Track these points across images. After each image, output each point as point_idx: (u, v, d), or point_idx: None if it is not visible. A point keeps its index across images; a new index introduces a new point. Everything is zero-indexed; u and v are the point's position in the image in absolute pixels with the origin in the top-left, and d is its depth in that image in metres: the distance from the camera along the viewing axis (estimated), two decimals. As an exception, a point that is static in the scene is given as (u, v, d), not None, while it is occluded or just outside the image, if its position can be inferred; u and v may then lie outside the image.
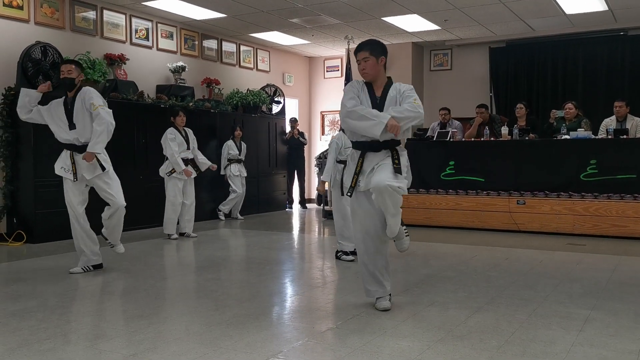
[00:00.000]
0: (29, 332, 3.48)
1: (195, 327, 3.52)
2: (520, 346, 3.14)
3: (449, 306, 3.98)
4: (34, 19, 7.61)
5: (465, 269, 5.28)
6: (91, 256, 5.18)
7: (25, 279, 4.88)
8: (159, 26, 9.42)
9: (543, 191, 7.69)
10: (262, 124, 10.83)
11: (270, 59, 11.94)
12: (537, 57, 10.93)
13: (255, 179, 10.42)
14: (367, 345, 3.17)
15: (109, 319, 3.80)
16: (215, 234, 8.00)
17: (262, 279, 4.96)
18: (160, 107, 8.73)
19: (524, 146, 8.00)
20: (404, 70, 11.70)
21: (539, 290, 4.44)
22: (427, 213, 8.28)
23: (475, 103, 9.38)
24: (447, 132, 8.65)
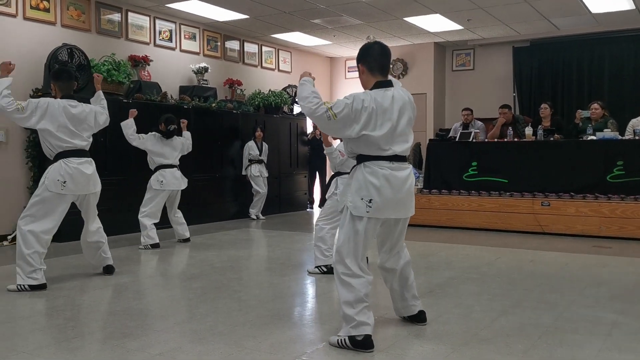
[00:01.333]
0: (57, 330, 3.54)
1: (219, 327, 3.54)
2: (547, 351, 3.11)
3: (473, 309, 3.95)
4: (61, 22, 7.73)
5: (489, 271, 5.24)
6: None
7: (52, 277, 4.95)
8: (182, 28, 9.50)
9: (568, 192, 7.59)
10: (284, 125, 10.86)
11: (291, 59, 11.97)
12: (562, 56, 10.80)
13: (277, 179, 10.45)
14: (392, 348, 3.16)
15: (135, 318, 3.84)
16: (238, 234, 8.05)
17: (284, 280, 4.97)
18: (184, 107, 8.80)
19: (549, 147, 7.90)
20: (425, 71, 11.66)
21: (565, 294, 4.38)
22: (449, 214, 8.23)
23: (498, 103, 9.30)
24: (470, 133, 8.58)
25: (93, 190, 4.86)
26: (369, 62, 3.31)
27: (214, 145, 9.36)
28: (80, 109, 4.78)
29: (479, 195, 8.12)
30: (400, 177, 3.23)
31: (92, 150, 4.98)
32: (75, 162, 4.68)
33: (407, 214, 3.33)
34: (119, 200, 7.25)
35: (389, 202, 3.19)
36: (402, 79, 11.86)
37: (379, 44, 3.34)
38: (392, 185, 3.19)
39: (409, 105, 3.31)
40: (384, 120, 3.18)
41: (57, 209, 4.62)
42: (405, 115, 3.27)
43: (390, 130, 3.20)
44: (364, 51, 3.34)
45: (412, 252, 3.91)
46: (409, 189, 3.28)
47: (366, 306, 3.14)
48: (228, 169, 9.65)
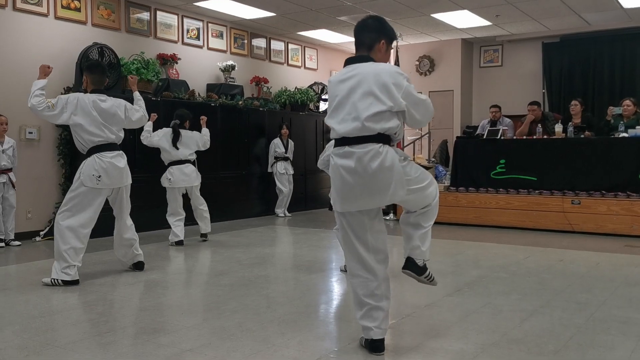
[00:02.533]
0: (90, 325, 3.61)
1: (248, 323, 3.57)
2: (578, 351, 3.07)
3: (502, 308, 3.91)
4: (91, 21, 7.86)
5: (518, 271, 5.18)
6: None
7: (85, 272, 5.04)
8: (210, 26, 9.58)
9: (599, 191, 7.46)
10: (310, 122, 10.88)
11: (318, 56, 11.98)
12: (593, 52, 10.61)
13: (302, 177, 10.48)
14: (420, 347, 3.15)
15: (165, 313, 3.90)
16: (264, 231, 8.09)
17: (311, 277, 4.99)
18: (211, 105, 8.88)
19: (579, 144, 7.77)
20: (452, 68, 11.56)
21: (596, 294, 4.31)
22: (476, 212, 8.16)
23: (526, 100, 9.18)
24: (498, 130, 8.49)
25: (126, 182, 4.92)
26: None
27: (240, 143, 9.42)
28: (110, 103, 4.81)
29: (507, 193, 8.03)
30: (345, 165, 2.87)
31: (122, 147, 5.04)
32: (109, 156, 4.75)
33: (363, 205, 2.91)
34: (148, 197, 7.34)
35: (341, 193, 2.92)
36: (428, 76, 11.79)
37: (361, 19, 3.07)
38: (340, 175, 2.90)
39: (371, 81, 2.83)
40: (334, 97, 2.95)
41: (94, 202, 4.71)
42: (359, 92, 2.84)
43: (336, 107, 2.92)
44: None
45: (438, 251, 3.89)
46: (361, 177, 2.83)
47: (371, 308, 2.95)
48: (254, 167, 9.71)
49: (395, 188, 2.85)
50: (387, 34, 3.02)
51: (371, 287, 2.97)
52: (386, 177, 2.83)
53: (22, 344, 3.24)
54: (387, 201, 2.91)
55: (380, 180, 2.83)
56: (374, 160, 2.81)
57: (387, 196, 2.86)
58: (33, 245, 6.85)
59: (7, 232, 6.74)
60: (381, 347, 3.00)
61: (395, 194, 2.87)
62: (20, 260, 5.98)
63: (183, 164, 6.70)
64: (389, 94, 2.82)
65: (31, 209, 7.11)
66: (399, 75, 2.87)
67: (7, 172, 6.72)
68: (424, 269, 3.09)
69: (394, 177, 2.84)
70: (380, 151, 2.82)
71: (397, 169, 2.85)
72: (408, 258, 3.06)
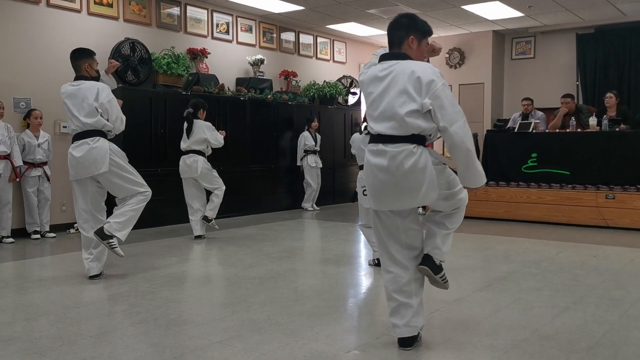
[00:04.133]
0: (122, 316, 3.68)
1: (277, 316, 3.59)
2: (611, 349, 3.01)
3: (533, 304, 3.86)
4: (123, 16, 7.97)
5: (550, 266, 5.10)
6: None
7: (116, 264, 5.14)
8: (239, 20, 9.62)
9: (635, 185, 7.28)
10: (338, 116, 10.86)
11: (346, 50, 11.94)
12: (629, 43, 10.34)
13: (331, 170, 10.48)
14: (449, 341, 3.13)
15: (195, 305, 3.95)
16: (292, 224, 8.12)
17: (339, 271, 4.99)
18: (240, 99, 8.93)
19: (614, 138, 7.60)
20: (484, 60, 11.39)
21: (631, 291, 4.22)
22: (507, 207, 8.05)
23: (560, 93, 9.00)
24: (530, 123, 8.35)
25: (94, 172, 4.52)
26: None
27: (269, 137, 9.46)
28: (77, 87, 4.55)
29: (538, 188, 7.91)
30: (377, 164, 2.86)
31: (152, 141, 5.02)
32: (72, 146, 4.61)
33: (394, 206, 2.90)
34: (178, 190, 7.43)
35: (374, 191, 2.92)
36: (458, 69, 11.64)
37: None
38: (373, 174, 2.90)
39: (405, 79, 2.80)
40: (369, 94, 2.94)
41: (76, 193, 4.66)
42: (394, 90, 2.82)
43: (371, 105, 2.92)
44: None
45: (468, 245, 3.85)
46: (393, 176, 2.81)
47: (400, 305, 2.96)
48: (283, 160, 9.74)
49: (427, 190, 2.81)
50: (418, 29, 2.97)
51: (400, 282, 2.97)
52: (418, 179, 2.80)
53: (56, 334, 3.32)
54: (418, 202, 2.87)
55: (412, 181, 2.80)
56: (407, 160, 2.78)
57: (418, 197, 2.83)
58: (67, 237, 7.00)
59: (43, 224, 6.91)
60: (407, 343, 2.99)
61: (426, 196, 2.83)
62: (55, 252, 6.12)
63: (187, 155, 6.57)
64: (420, 94, 2.78)
65: (65, 201, 7.26)
66: (432, 74, 2.80)
67: (42, 166, 6.88)
68: (440, 268, 3.04)
69: (426, 178, 2.80)
70: (413, 151, 2.79)
71: (429, 171, 2.81)
72: (427, 255, 3.01)
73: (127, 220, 4.60)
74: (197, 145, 6.55)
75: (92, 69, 4.67)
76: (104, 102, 4.53)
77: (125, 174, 4.62)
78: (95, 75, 4.69)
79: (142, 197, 4.69)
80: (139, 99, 7.60)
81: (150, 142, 7.68)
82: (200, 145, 6.57)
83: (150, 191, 4.76)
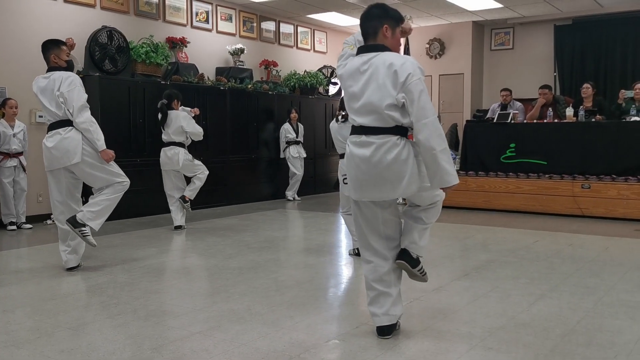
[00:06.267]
0: (101, 307, 3.66)
1: (257, 307, 3.60)
2: (585, 335, 3.07)
3: (510, 292, 3.91)
4: (100, 4, 7.85)
5: (527, 255, 5.18)
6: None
7: (94, 256, 5.10)
8: (219, 9, 9.54)
9: (610, 175, 7.40)
10: (319, 106, 10.85)
11: (327, 40, 11.91)
12: (605, 35, 10.48)
13: (312, 160, 10.48)
14: (428, 330, 3.17)
15: (175, 296, 3.94)
16: (273, 214, 8.12)
17: (320, 261, 5.01)
18: (220, 89, 8.87)
19: (590, 128, 7.70)
20: (463, 50, 11.46)
21: (605, 279, 4.31)
22: (486, 196, 8.13)
23: (538, 84, 9.10)
24: (508, 114, 8.42)
25: (66, 163, 4.45)
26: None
27: (250, 127, 9.43)
28: (47, 79, 4.49)
29: (516, 177, 8.00)
30: (360, 155, 2.87)
31: (131, 131, 5.00)
32: (45, 136, 4.56)
33: (375, 196, 2.91)
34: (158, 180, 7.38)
35: (355, 182, 2.94)
36: (439, 59, 11.70)
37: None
38: (355, 164, 2.91)
39: (384, 72, 2.79)
40: (348, 87, 2.93)
41: (51, 185, 4.60)
42: (374, 84, 2.81)
43: (352, 98, 2.91)
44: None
45: (447, 235, 3.89)
46: (375, 167, 2.82)
47: (379, 294, 2.99)
48: (264, 150, 9.72)
49: (408, 182, 2.82)
50: (390, 17, 2.96)
51: (380, 272, 3.00)
52: (401, 170, 2.81)
53: (33, 325, 3.29)
54: (399, 194, 2.87)
55: (394, 173, 2.81)
56: (391, 152, 2.80)
57: (399, 189, 2.84)
58: (44, 228, 6.92)
59: (19, 215, 6.82)
60: (386, 332, 3.02)
61: (408, 188, 2.84)
62: (32, 243, 6.05)
63: (167, 147, 6.52)
64: (396, 87, 2.78)
65: (42, 192, 7.16)
66: (410, 68, 2.77)
67: (18, 156, 6.78)
68: (417, 261, 3.06)
69: (408, 170, 2.81)
70: (397, 143, 2.81)
71: (412, 162, 2.82)
72: (403, 250, 3.02)
73: (101, 209, 4.54)
74: (177, 136, 6.49)
75: (60, 59, 4.58)
76: (64, 92, 4.43)
77: (99, 164, 4.54)
78: (64, 66, 4.60)
79: (119, 187, 4.62)
80: (117, 89, 7.51)
81: (129, 132, 7.60)
82: (180, 137, 6.52)
83: (128, 181, 4.69)
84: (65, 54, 4.62)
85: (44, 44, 4.64)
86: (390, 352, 2.86)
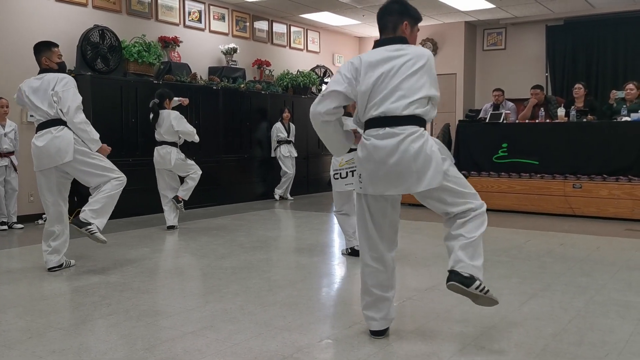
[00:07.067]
0: (93, 307, 3.64)
1: (249, 306, 3.60)
2: (577, 335, 3.09)
3: (502, 292, 3.92)
4: (92, 3, 7.82)
5: (519, 254, 5.20)
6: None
7: (86, 256, 5.08)
8: (212, 8, 9.52)
9: (601, 175, 7.45)
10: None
11: (320, 39, 11.91)
12: (597, 35, 10.55)
13: (305, 160, 10.48)
14: (420, 329, 3.18)
15: (167, 296, 3.93)
16: (266, 214, 8.12)
17: (313, 260, 5.01)
18: (213, 88, 8.86)
19: (582, 128, 7.75)
20: (455, 51, 11.49)
21: (596, 278, 4.33)
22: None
23: (530, 84, 9.14)
24: (500, 114, 8.46)
25: (58, 162, 4.42)
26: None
27: (242, 126, 9.41)
28: (40, 80, 4.50)
29: (509, 177, 8.03)
30: (383, 146, 2.76)
31: (123, 131, 4.99)
32: (35, 136, 4.53)
33: (397, 190, 2.80)
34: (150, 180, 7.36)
35: (374, 176, 2.80)
36: (431, 59, 11.71)
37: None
38: (377, 157, 2.77)
39: (422, 63, 2.81)
40: (368, 74, 2.80)
41: (41, 185, 4.56)
42: (411, 70, 2.78)
43: (381, 85, 2.78)
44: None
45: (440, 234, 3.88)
46: (401, 157, 2.72)
47: (377, 299, 2.95)
48: (256, 150, 9.71)
49: (434, 172, 2.72)
50: (411, 15, 2.93)
51: (380, 277, 2.96)
52: (427, 160, 2.72)
53: (25, 326, 3.27)
54: (424, 185, 2.73)
55: (421, 163, 2.71)
56: (417, 142, 2.73)
57: (425, 180, 2.72)
58: (35, 228, 6.89)
59: (10, 215, 6.78)
60: (381, 333, 3.02)
61: (433, 179, 2.72)
62: (23, 243, 6.02)
63: (160, 146, 6.50)
64: (433, 83, 2.85)
65: (33, 192, 7.11)
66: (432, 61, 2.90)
67: (9, 156, 6.74)
68: (471, 279, 2.79)
69: (434, 160, 2.72)
70: (422, 134, 2.77)
71: (436, 155, 2.74)
72: (451, 270, 2.82)
73: (102, 207, 4.51)
74: (169, 136, 6.47)
75: (51, 62, 4.58)
76: (58, 91, 4.42)
77: (92, 161, 4.51)
78: (56, 68, 4.59)
79: (117, 183, 4.57)
80: (109, 88, 7.48)
81: (122, 132, 7.57)
82: (173, 137, 6.49)
83: (125, 177, 4.65)
84: (56, 56, 4.62)
85: (35, 46, 4.63)
86: (383, 351, 2.86)
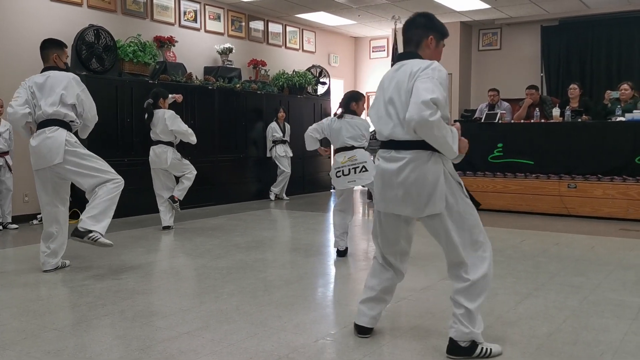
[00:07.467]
0: (88, 308, 3.63)
1: (245, 307, 3.60)
2: (571, 334, 3.10)
3: (497, 292, 3.94)
4: (87, 3, 7.80)
5: (514, 254, 5.21)
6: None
7: (81, 256, 5.07)
8: (207, 8, 9.51)
9: (595, 175, 7.47)
10: (308, 105, 10.85)
11: (316, 39, 11.91)
12: (592, 36, 10.58)
13: (301, 160, 10.48)
14: (416, 329, 3.19)
15: (163, 297, 3.93)
16: (262, 214, 8.11)
17: (308, 260, 5.01)
18: (208, 88, 8.85)
19: (577, 128, 7.77)
20: (451, 51, 11.49)
21: (591, 277, 4.35)
22: (473, 196, 8.15)
23: (525, 84, 9.15)
24: (496, 114, 8.47)
25: (49, 163, 4.38)
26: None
27: (238, 126, 9.41)
28: (45, 77, 4.46)
29: (504, 177, 8.05)
30: (386, 169, 2.78)
31: (119, 131, 4.99)
32: (33, 135, 4.50)
33: (401, 210, 2.81)
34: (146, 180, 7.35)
35: (382, 194, 2.85)
36: (427, 59, 11.73)
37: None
38: (382, 179, 2.82)
39: (406, 80, 2.69)
40: (378, 96, 2.88)
41: (38, 185, 4.54)
42: (398, 93, 2.72)
43: (379, 108, 2.83)
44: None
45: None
46: (402, 183, 2.71)
47: (376, 298, 3.01)
48: (252, 150, 9.70)
49: (433, 202, 2.69)
50: (436, 30, 2.89)
51: (387, 283, 3.02)
52: (426, 189, 2.69)
53: (20, 326, 3.27)
54: (427, 211, 2.72)
55: (419, 192, 2.70)
56: (417, 170, 2.69)
57: (423, 209, 2.72)
58: (30, 228, 6.87)
59: (5, 215, 6.76)
60: (366, 332, 3.05)
61: (434, 205, 2.69)
62: (18, 244, 6.00)
63: (156, 145, 6.47)
64: (399, 102, 2.74)
65: (28, 192, 7.11)
66: (422, 64, 2.69)
67: (3, 155, 6.72)
68: (470, 349, 2.73)
69: (436, 190, 2.69)
70: (426, 159, 2.69)
71: (441, 181, 2.69)
72: (449, 339, 2.78)
73: (101, 212, 4.40)
74: (164, 135, 6.45)
75: (60, 61, 4.60)
76: (80, 93, 4.47)
77: (85, 162, 4.43)
78: (63, 67, 4.60)
79: (113, 186, 4.49)
80: (105, 88, 7.46)
81: (117, 132, 7.56)
82: (168, 136, 6.47)
83: (122, 179, 4.58)
84: (65, 56, 4.68)
85: (47, 41, 4.64)
86: (378, 351, 2.87)
